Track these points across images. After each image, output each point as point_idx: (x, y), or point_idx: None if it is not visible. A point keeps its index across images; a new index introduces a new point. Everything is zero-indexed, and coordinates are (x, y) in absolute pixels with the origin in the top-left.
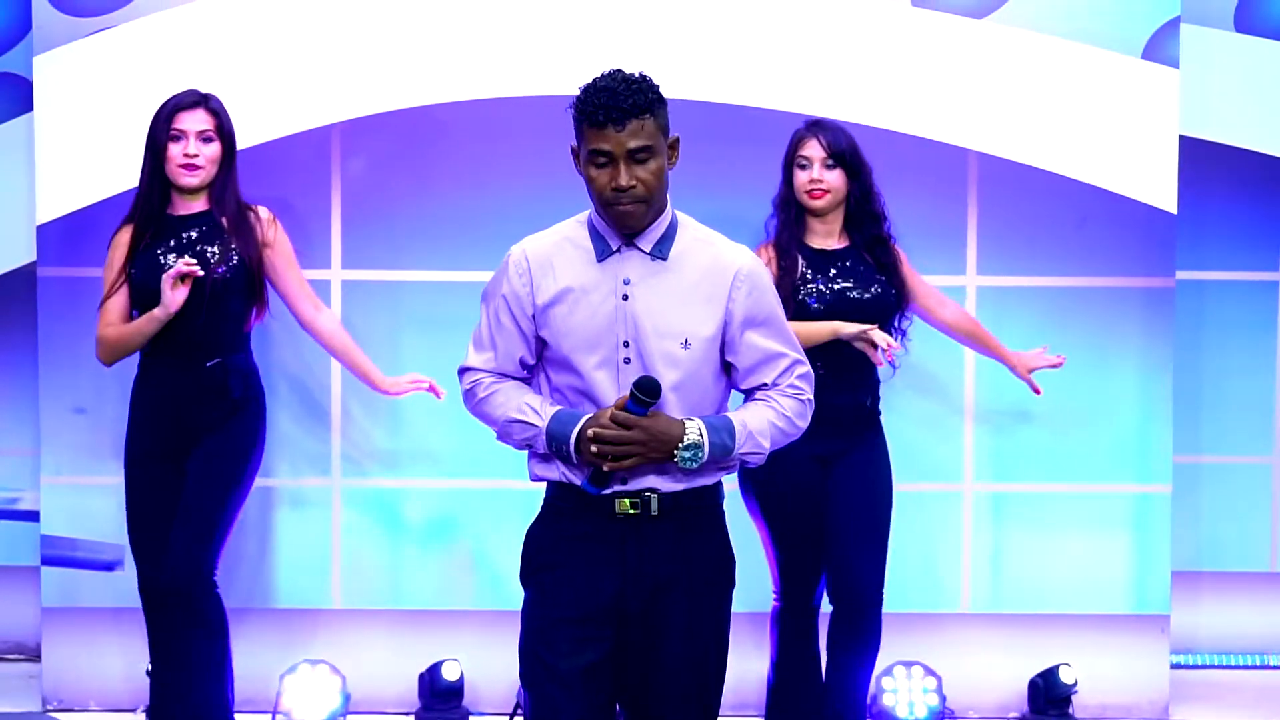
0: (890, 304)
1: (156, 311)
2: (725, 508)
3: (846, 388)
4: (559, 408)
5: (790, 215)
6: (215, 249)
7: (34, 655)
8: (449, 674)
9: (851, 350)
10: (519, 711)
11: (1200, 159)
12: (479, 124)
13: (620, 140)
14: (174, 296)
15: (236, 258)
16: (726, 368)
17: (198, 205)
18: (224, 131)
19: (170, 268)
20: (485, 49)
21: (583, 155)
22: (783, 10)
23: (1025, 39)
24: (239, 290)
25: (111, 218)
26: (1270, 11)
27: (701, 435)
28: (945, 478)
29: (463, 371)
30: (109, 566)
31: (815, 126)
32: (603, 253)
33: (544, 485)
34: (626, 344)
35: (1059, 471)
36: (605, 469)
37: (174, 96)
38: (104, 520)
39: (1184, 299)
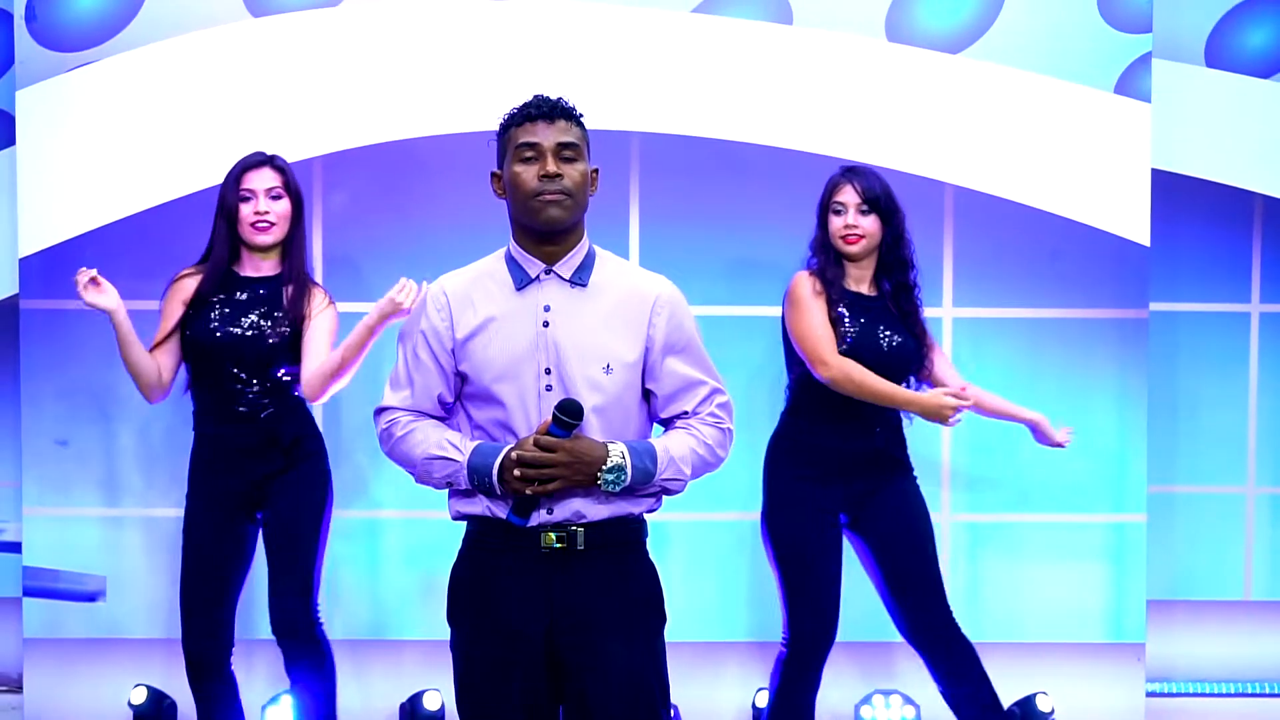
0: (911, 355)
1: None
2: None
3: (858, 433)
4: (479, 441)
5: (830, 258)
6: (276, 315)
7: (16, 686)
8: (430, 704)
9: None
10: None
11: (1172, 192)
12: (459, 158)
13: (549, 134)
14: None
15: (288, 327)
16: (647, 395)
17: (267, 267)
18: (291, 188)
19: (219, 325)
20: (466, 84)
21: (508, 158)
22: (758, 46)
23: (999, 74)
24: (288, 357)
25: (94, 251)
26: (1240, 47)
27: (624, 458)
28: None
29: (379, 412)
30: (91, 597)
31: (850, 173)
32: (521, 281)
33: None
34: (548, 370)
35: (1035, 502)
36: (529, 493)
37: (241, 160)
38: (86, 552)
39: (1157, 330)
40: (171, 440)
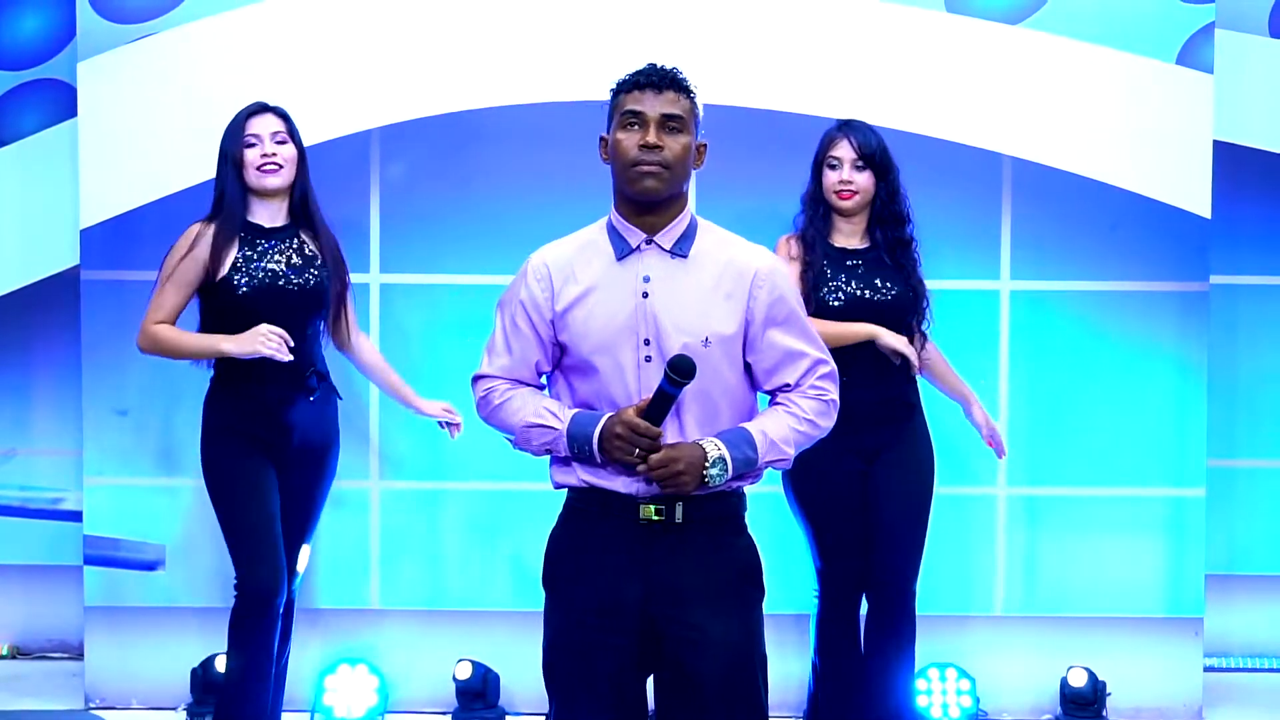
0: (908, 305)
1: (229, 346)
2: (764, 510)
3: (877, 383)
4: (578, 410)
5: (817, 213)
6: (298, 263)
7: (76, 654)
8: (460, 674)
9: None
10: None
11: (1234, 163)
12: (518, 128)
13: (655, 104)
14: (267, 349)
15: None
16: (748, 368)
17: (280, 218)
18: (295, 137)
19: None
20: (524, 54)
21: (614, 124)
22: (818, 17)
23: (1060, 44)
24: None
25: (154, 222)
26: None
27: (720, 450)
28: (979, 481)
29: (476, 379)
30: (150, 566)
31: (846, 128)
32: (622, 251)
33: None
34: (647, 342)
35: (1093, 475)
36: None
37: (241, 110)
38: (146, 520)
39: (1218, 303)
40: None
